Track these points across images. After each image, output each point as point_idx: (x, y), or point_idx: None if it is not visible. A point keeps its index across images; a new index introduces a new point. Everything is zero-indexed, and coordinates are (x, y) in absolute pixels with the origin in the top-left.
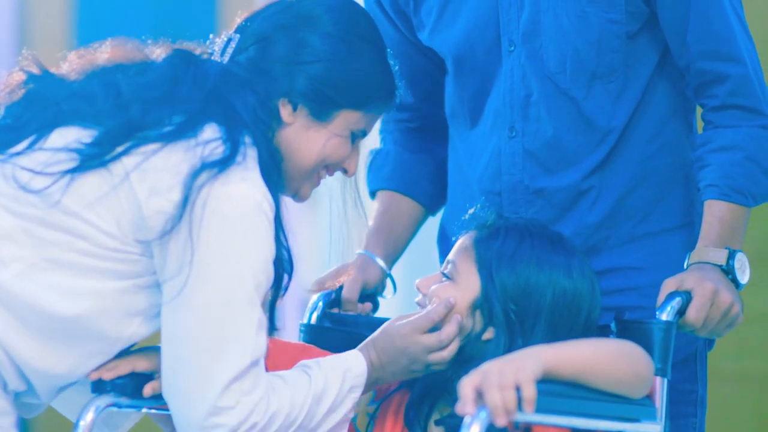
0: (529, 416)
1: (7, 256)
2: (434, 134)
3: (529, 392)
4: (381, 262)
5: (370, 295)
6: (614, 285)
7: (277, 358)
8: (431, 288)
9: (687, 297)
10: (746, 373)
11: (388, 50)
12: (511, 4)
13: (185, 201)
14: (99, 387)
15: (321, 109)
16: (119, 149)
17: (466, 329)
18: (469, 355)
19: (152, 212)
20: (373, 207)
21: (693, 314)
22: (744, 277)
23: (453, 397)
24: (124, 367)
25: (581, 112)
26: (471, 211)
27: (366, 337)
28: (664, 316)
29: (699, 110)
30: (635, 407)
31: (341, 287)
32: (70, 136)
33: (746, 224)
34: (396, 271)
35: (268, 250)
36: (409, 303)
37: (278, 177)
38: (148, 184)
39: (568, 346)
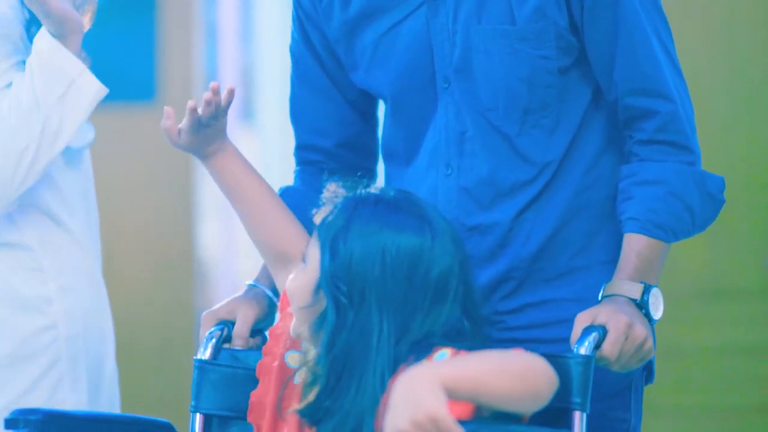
0: None
1: None
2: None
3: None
4: (271, 294)
5: (259, 329)
6: (550, 317)
7: None
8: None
9: (603, 331)
10: (684, 408)
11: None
12: (444, 40)
13: None
14: (11, 424)
15: None
16: None
17: (316, 312)
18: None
19: None
20: None
21: (608, 348)
22: (657, 313)
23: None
24: None
25: (515, 148)
26: (325, 192)
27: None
28: (583, 350)
29: None
30: None
31: (233, 322)
32: None
33: (664, 259)
34: None
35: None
36: None
37: None
38: None
39: (470, 362)
